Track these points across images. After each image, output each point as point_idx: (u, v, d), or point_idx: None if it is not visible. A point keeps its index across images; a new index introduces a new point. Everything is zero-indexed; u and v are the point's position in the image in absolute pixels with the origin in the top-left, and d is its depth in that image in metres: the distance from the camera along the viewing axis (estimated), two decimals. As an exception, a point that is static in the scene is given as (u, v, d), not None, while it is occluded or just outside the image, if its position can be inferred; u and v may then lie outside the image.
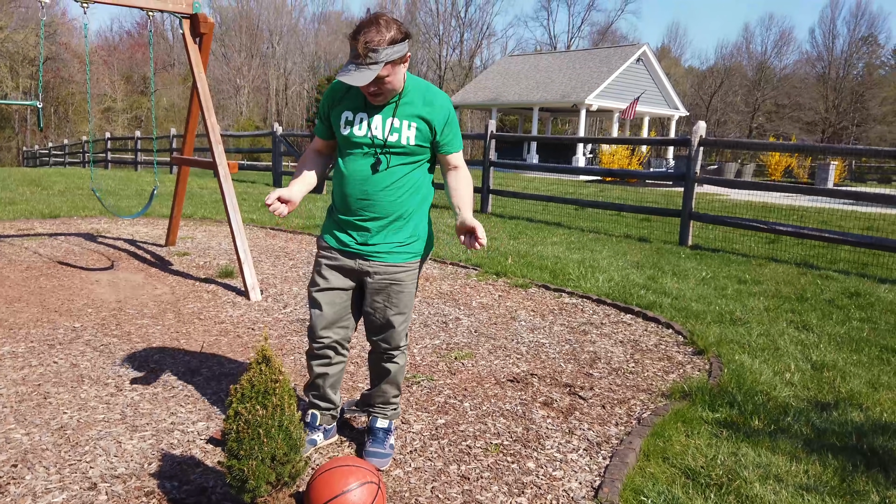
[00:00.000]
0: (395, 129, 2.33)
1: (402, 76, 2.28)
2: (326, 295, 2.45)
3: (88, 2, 4.90)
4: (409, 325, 2.54)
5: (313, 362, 2.55)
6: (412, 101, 2.35)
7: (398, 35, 2.17)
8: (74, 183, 13.09)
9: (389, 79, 2.22)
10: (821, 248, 7.49)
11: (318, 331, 2.48)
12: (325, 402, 2.61)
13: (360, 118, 2.35)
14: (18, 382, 3.10)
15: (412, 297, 2.49)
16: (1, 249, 6.11)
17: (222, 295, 4.87)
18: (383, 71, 2.18)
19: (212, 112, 5.21)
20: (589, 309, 4.84)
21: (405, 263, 2.43)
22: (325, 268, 2.46)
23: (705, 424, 2.91)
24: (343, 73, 2.18)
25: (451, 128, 2.40)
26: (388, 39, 2.15)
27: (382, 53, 2.14)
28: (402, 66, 2.25)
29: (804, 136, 48.85)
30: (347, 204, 2.39)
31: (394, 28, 2.17)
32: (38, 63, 40.06)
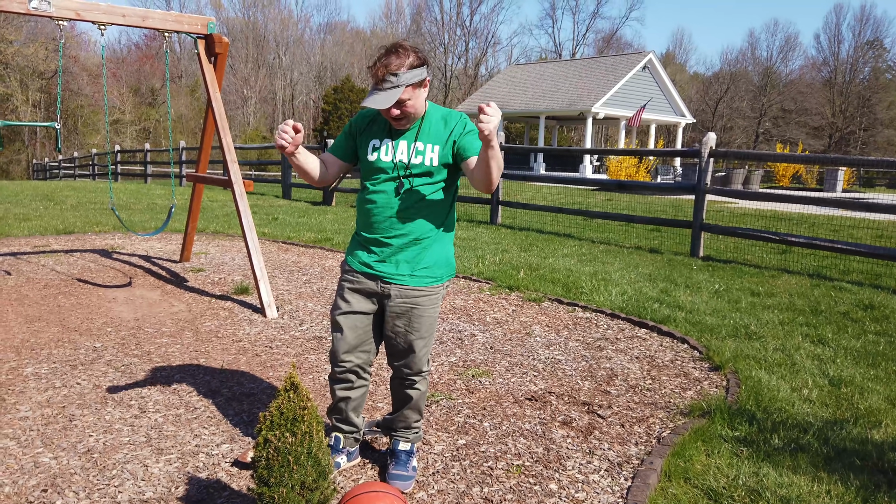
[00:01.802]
0: (419, 152, 2.40)
1: (422, 100, 2.37)
2: (349, 318, 2.49)
3: (105, 24, 4.97)
4: (430, 351, 2.57)
5: (336, 386, 2.58)
6: (433, 124, 2.43)
7: (416, 61, 2.29)
8: (87, 197, 13.20)
9: (410, 102, 2.31)
10: (833, 258, 7.48)
11: (340, 355, 2.52)
12: (348, 425, 2.64)
13: (385, 143, 2.44)
14: (44, 405, 3.14)
15: (434, 321, 2.52)
16: (18, 267, 6.18)
17: (239, 312, 4.91)
18: (404, 94, 2.27)
19: (227, 132, 5.26)
20: (603, 323, 4.85)
21: (426, 287, 2.47)
22: (347, 291, 2.50)
23: (725, 443, 2.92)
24: (367, 99, 2.27)
25: (471, 135, 2.42)
26: (407, 64, 2.26)
27: (402, 77, 2.25)
28: (422, 90, 2.34)
29: (811, 141, 48.75)
30: (371, 224, 2.45)
31: (412, 54, 2.29)
32: (48, 77, 40.48)
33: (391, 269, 2.44)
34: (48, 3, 4.77)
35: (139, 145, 40.67)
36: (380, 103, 2.24)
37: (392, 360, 2.56)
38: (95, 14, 4.93)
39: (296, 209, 11.90)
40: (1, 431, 2.85)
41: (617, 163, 21.80)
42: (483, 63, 60.79)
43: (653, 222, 8.56)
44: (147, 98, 49.94)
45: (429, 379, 2.64)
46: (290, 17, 60.80)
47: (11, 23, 37.09)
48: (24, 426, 2.91)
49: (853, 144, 51.21)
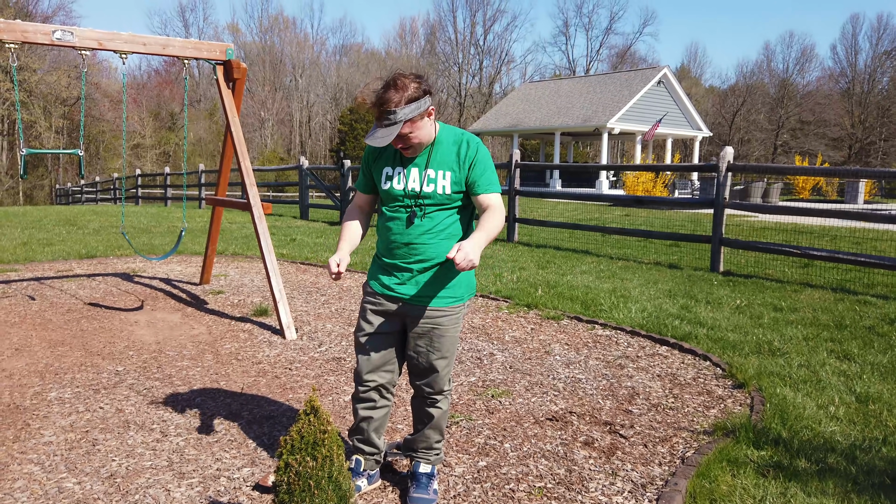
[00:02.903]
0: (430, 179, 2.41)
1: (428, 129, 2.37)
2: (372, 339, 2.53)
3: (127, 53, 5.08)
4: (451, 370, 2.58)
5: (358, 406, 2.60)
6: (445, 150, 2.44)
7: (416, 93, 2.27)
8: (108, 221, 13.41)
9: (413, 134, 2.32)
10: (856, 271, 7.36)
11: (363, 375, 2.54)
12: (370, 446, 2.64)
13: (398, 172, 2.45)
14: (67, 429, 3.17)
15: (455, 341, 2.53)
16: (42, 292, 6.28)
17: (258, 334, 4.93)
18: (404, 128, 2.28)
19: (246, 156, 5.33)
20: (623, 341, 4.81)
21: (447, 308, 2.48)
22: (369, 313, 2.54)
23: (751, 463, 2.87)
24: (369, 136, 2.32)
25: (481, 167, 2.43)
26: (405, 99, 2.25)
27: (400, 113, 2.25)
28: (425, 121, 2.34)
29: (830, 152, 48.28)
30: (390, 249, 2.49)
31: (411, 87, 2.27)
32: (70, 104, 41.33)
33: (412, 291, 2.46)
34: (71, 33, 4.88)
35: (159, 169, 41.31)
36: (379, 141, 2.27)
37: (414, 380, 2.57)
38: (117, 43, 5.05)
39: (314, 230, 11.98)
40: (26, 457, 2.88)
41: (634, 178, 21.71)
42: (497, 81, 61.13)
43: (671, 237, 8.50)
44: (167, 122, 50.80)
45: (450, 398, 2.63)
46: (307, 40, 61.70)
47: (35, 52, 38.01)
48: (49, 451, 2.93)
49: (874, 155, 50.60)
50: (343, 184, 13.66)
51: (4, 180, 40.67)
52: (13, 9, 38.88)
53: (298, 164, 14.82)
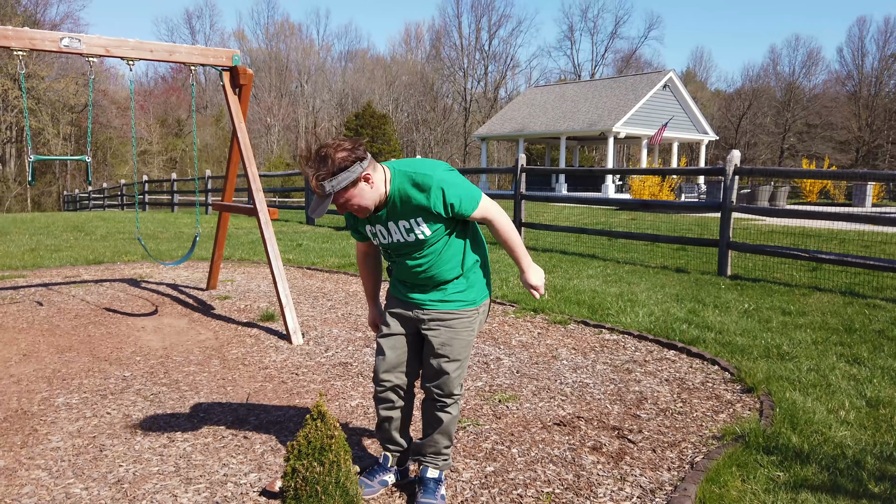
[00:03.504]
0: (408, 230, 2.41)
1: (369, 194, 2.30)
2: (389, 340, 2.59)
3: (134, 59, 5.11)
4: (463, 375, 2.58)
5: (378, 406, 2.64)
6: (407, 201, 2.34)
7: (344, 162, 2.18)
8: (116, 227, 13.47)
9: (352, 202, 2.28)
10: (865, 274, 7.31)
11: (380, 374, 2.59)
12: (394, 444, 2.70)
13: (378, 230, 2.48)
14: (74, 435, 3.17)
15: (468, 345, 2.55)
16: (50, 298, 6.30)
17: (265, 339, 4.94)
18: (338, 199, 2.25)
19: (252, 162, 5.34)
20: (631, 345, 4.79)
21: (459, 311, 2.51)
22: (388, 315, 2.62)
23: (761, 468, 2.84)
24: (309, 208, 2.35)
25: (458, 201, 2.33)
26: (331, 171, 2.18)
27: (328, 186, 2.20)
28: (361, 187, 2.27)
29: (837, 156, 48.08)
30: (398, 275, 2.60)
31: (338, 157, 2.18)
32: (78, 111, 41.59)
33: (424, 297, 2.53)
34: (79, 40, 4.91)
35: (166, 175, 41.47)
36: (317, 212, 2.27)
37: (424, 382, 2.59)
38: (124, 50, 5.07)
39: (319, 235, 12.00)
40: (33, 462, 2.88)
41: (640, 182, 21.67)
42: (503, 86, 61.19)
43: (678, 241, 8.46)
44: (174, 129, 51.04)
45: (460, 403, 2.63)
46: (312, 46, 61.96)
47: (43, 59, 38.27)
48: (56, 457, 2.94)
49: (881, 158, 50.36)
50: (349, 189, 13.65)
51: (13, 187, 40.93)
52: (21, 17, 39.20)
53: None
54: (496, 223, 2.45)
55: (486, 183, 34.25)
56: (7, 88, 37.95)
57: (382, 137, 44.05)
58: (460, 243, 2.50)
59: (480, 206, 2.39)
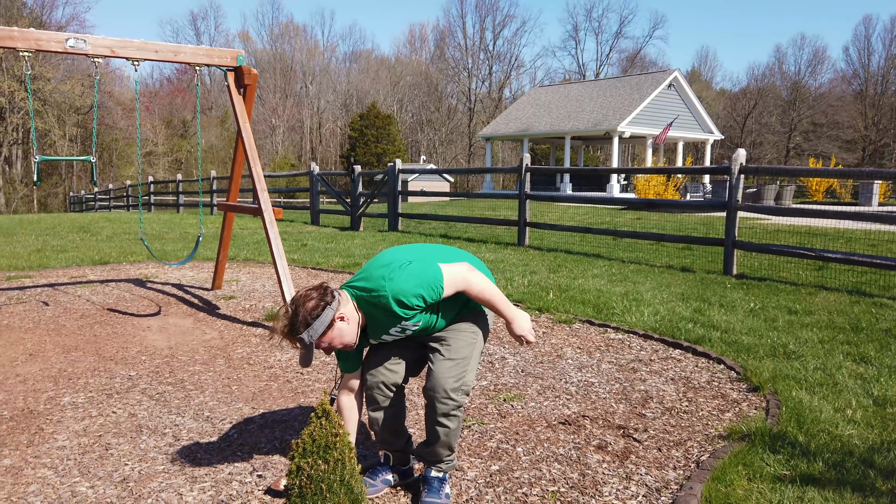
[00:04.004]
0: (401, 331, 2.48)
1: (347, 330, 2.35)
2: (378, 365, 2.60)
3: (139, 60, 5.12)
4: (464, 379, 2.46)
5: (370, 411, 2.63)
6: (378, 318, 2.42)
7: (315, 311, 2.25)
8: (121, 228, 13.51)
9: (334, 342, 2.33)
10: (872, 273, 7.28)
11: (367, 376, 2.59)
12: (390, 445, 2.68)
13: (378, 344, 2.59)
14: (80, 434, 3.18)
15: (471, 348, 2.52)
16: (56, 298, 6.32)
17: (270, 339, 4.94)
18: (321, 344, 2.31)
19: (257, 161, 5.35)
20: (636, 345, 4.78)
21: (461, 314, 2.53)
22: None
23: (767, 467, 2.83)
24: (300, 359, 2.36)
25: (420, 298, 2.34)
26: (305, 323, 2.25)
27: (306, 338, 2.27)
28: (338, 326, 2.32)
29: (844, 155, 47.89)
30: None
31: (309, 308, 2.26)
32: (84, 112, 41.76)
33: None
34: (84, 41, 4.93)
35: (171, 176, 41.59)
36: (306, 362, 2.33)
37: (426, 390, 2.49)
38: (129, 51, 5.09)
39: (324, 235, 12.01)
40: (39, 461, 2.89)
41: (645, 181, 21.62)
42: (507, 86, 61.19)
43: (684, 241, 8.44)
44: (179, 130, 51.22)
45: (461, 417, 2.51)
46: (317, 47, 62.08)
47: (49, 61, 38.45)
48: (62, 455, 2.94)
49: (888, 157, 50.13)
50: (353, 189, 13.69)
51: (19, 188, 41.12)
52: (27, 18, 39.39)
53: (309, 169, 14.88)
54: (469, 289, 2.42)
55: (491, 183, 34.23)
56: (13, 90, 38.14)
57: (387, 138, 44.08)
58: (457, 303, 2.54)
59: (447, 284, 2.36)
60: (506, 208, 18.10)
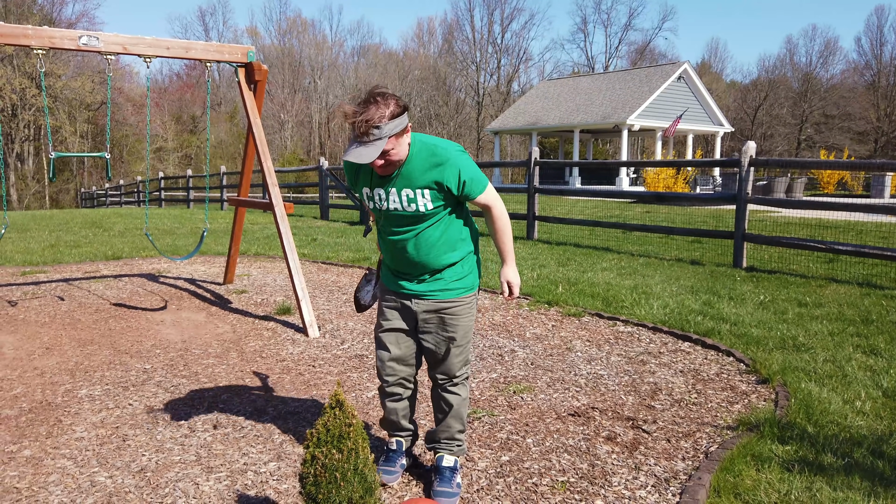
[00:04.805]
0: (410, 199, 2.40)
1: (405, 146, 2.34)
2: (390, 335, 2.61)
3: (151, 57, 5.17)
4: (467, 358, 2.63)
5: (385, 399, 2.69)
6: (420, 166, 2.37)
7: (397, 109, 2.24)
8: (133, 224, 13.62)
9: (394, 151, 2.29)
10: (883, 266, 7.25)
11: (385, 369, 2.63)
12: (403, 431, 2.77)
13: (377, 194, 2.45)
14: (98, 425, 3.24)
15: (469, 329, 2.59)
16: (71, 293, 6.40)
17: (281, 332, 4.99)
18: (387, 145, 2.25)
19: (268, 156, 5.40)
20: (645, 337, 4.79)
21: (461, 298, 2.55)
22: (386, 309, 2.62)
23: (776, 458, 2.85)
24: (349, 153, 2.23)
25: (469, 180, 2.40)
26: (388, 114, 2.21)
27: (385, 129, 2.20)
28: (404, 137, 2.31)
29: (856, 146, 47.47)
30: (391, 259, 2.58)
31: (392, 103, 2.23)
32: (95, 108, 42.00)
33: (421, 288, 2.54)
34: (97, 39, 4.98)
35: (182, 171, 41.79)
36: (364, 157, 2.21)
37: (430, 370, 2.65)
38: (141, 48, 5.13)
39: (334, 230, 12.07)
40: (59, 452, 2.95)
41: (655, 174, 21.56)
42: (515, 79, 60.94)
43: (693, 234, 8.43)
44: (188, 125, 51.41)
45: (468, 386, 2.68)
46: (325, 42, 62.05)
47: (60, 58, 38.65)
48: (80, 446, 3.01)
49: (900, 148, 49.61)
50: (363, 184, 13.70)
51: (31, 185, 41.45)
52: (38, 16, 39.60)
53: (318, 164, 14.93)
54: (496, 210, 2.51)
55: (500, 177, 34.19)
56: (25, 87, 38.39)
57: (395, 132, 44.07)
58: (456, 227, 2.50)
59: (487, 191, 2.46)
60: (514, 202, 18.09)
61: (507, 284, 2.58)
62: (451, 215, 2.48)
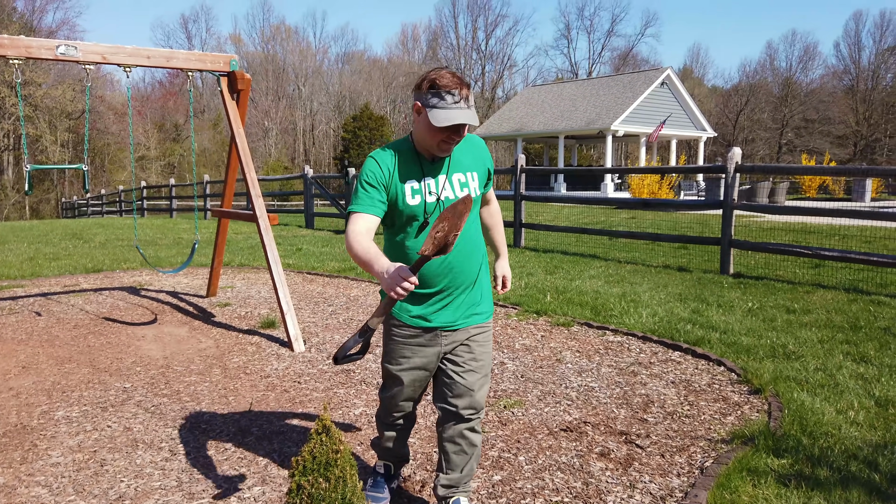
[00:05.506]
0: (462, 184, 2.26)
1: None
2: (408, 374, 2.37)
3: (131, 66, 5.06)
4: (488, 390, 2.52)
5: (387, 432, 2.60)
6: (464, 147, 2.30)
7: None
8: (114, 234, 13.42)
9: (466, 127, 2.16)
10: (868, 271, 7.28)
11: (396, 408, 2.49)
12: (398, 457, 2.68)
13: (425, 183, 2.21)
14: (75, 449, 3.13)
15: (490, 358, 2.45)
16: (49, 307, 6.26)
17: (266, 347, 4.89)
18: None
19: (251, 167, 5.30)
20: (635, 347, 4.75)
21: (483, 324, 2.40)
22: (402, 345, 2.35)
23: (772, 472, 2.80)
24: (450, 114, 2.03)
25: (492, 169, 2.43)
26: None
27: (471, 100, 2.11)
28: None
29: (836, 150, 48.03)
30: (427, 281, 2.23)
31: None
32: (76, 117, 41.53)
33: (450, 318, 2.30)
34: (75, 48, 4.87)
35: (164, 180, 41.41)
36: (473, 118, 2.06)
37: (455, 403, 2.35)
38: (121, 57, 5.03)
39: (319, 238, 11.96)
40: (33, 479, 2.84)
41: (639, 180, 21.63)
42: (500, 86, 61.18)
43: (680, 240, 8.42)
44: (171, 134, 50.98)
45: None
46: (309, 49, 61.90)
47: (40, 66, 38.18)
48: (56, 472, 2.89)
49: (879, 152, 50.31)
50: (348, 192, 13.63)
51: (11, 195, 40.85)
52: (17, 24, 39.14)
53: (303, 172, 14.82)
54: (495, 203, 2.58)
55: (485, 183, 34.11)
56: (4, 96, 37.89)
57: (381, 139, 43.98)
58: (476, 224, 2.38)
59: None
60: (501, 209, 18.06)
61: (502, 278, 2.58)
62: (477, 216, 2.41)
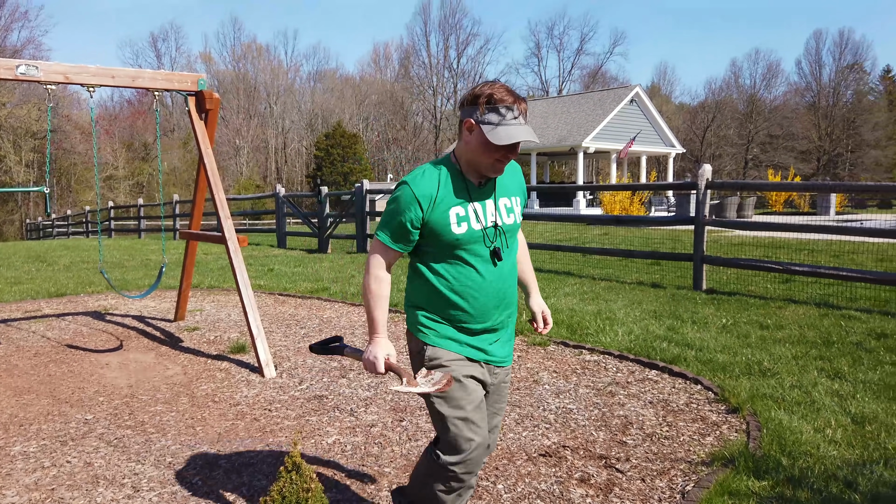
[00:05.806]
0: (509, 209, 2.18)
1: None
2: (478, 413, 2.11)
3: (95, 86, 4.94)
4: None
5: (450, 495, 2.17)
6: (507, 173, 2.23)
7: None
8: (80, 256, 13.09)
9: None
10: (838, 285, 7.37)
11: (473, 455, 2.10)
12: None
13: (472, 209, 2.08)
14: (31, 488, 2.97)
15: None
16: (8, 335, 6.03)
17: (235, 373, 4.75)
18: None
19: (220, 187, 5.19)
20: (612, 366, 4.71)
21: (511, 363, 2.37)
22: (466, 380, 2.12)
23: (753, 495, 2.76)
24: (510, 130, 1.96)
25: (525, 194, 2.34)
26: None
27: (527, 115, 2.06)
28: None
29: (800, 165, 49.20)
30: (480, 311, 2.11)
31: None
32: (41, 137, 40.74)
33: (504, 353, 2.24)
34: (36, 68, 4.73)
35: (133, 200, 40.73)
36: (531, 135, 1.99)
37: None
38: (85, 77, 4.90)
39: (291, 258, 11.80)
40: (-15, 521, 2.68)
41: (611, 196, 21.85)
42: (472, 103, 61.51)
43: (652, 256, 8.46)
44: (140, 153, 50.29)
45: None
46: (280, 67, 61.75)
47: (4, 85, 37.47)
48: (11, 514, 2.74)
49: (841, 166, 51.67)
50: (321, 210, 13.51)
51: (-27, 216, 39.82)
52: (-20, 43, 38.39)
53: (275, 191, 14.66)
54: (521, 233, 2.36)
55: (459, 200, 34.20)
56: (-34, 115, 37.05)
57: (353, 157, 43.87)
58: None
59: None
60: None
61: (542, 315, 2.41)
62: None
